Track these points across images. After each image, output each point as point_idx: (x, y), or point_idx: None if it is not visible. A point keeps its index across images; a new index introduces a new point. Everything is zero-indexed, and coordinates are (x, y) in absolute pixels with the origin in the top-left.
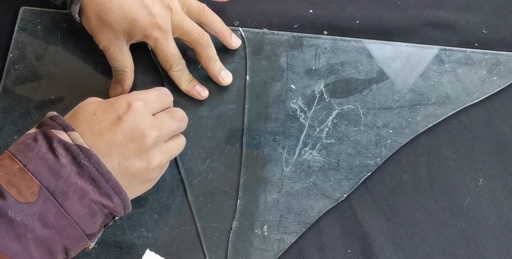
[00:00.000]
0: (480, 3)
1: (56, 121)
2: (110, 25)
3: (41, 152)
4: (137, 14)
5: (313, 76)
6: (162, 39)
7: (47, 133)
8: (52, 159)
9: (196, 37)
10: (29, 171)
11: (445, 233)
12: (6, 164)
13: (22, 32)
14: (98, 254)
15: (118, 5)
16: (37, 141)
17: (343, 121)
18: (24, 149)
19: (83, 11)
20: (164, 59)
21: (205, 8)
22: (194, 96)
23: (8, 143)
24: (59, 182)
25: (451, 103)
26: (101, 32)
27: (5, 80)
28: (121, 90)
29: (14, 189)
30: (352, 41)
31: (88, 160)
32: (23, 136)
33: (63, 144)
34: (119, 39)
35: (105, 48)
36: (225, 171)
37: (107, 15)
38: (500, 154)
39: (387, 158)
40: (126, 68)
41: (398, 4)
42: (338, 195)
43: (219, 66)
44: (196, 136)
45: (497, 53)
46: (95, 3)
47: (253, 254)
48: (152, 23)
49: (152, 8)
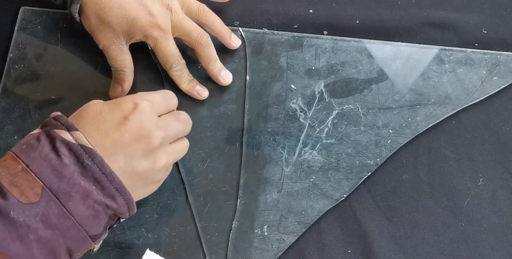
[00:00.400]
0: (480, 3)
1: (59, 121)
2: (110, 24)
3: (44, 152)
4: (136, 14)
5: (313, 76)
6: (162, 39)
7: (50, 133)
8: (55, 159)
9: (196, 37)
10: (31, 171)
11: (445, 233)
12: (9, 165)
13: (22, 32)
14: (98, 254)
15: (118, 4)
16: (40, 141)
17: (343, 121)
18: (27, 149)
19: (83, 11)
20: (164, 59)
21: (204, 8)
22: (194, 96)
23: (8, 143)
24: (62, 182)
25: (451, 103)
26: (100, 31)
27: (5, 80)
28: (120, 90)
29: (17, 189)
30: (352, 41)
31: (92, 160)
32: (26, 136)
33: (66, 144)
34: (118, 38)
35: (104, 47)
36: (225, 171)
37: (107, 15)
38: (500, 154)
39: (387, 158)
40: (126, 68)
41: (398, 4)
42: (338, 195)
43: (219, 66)
44: (196, 136)
45: (497, 53)
46: (95, 2)
47: (253, 254)
48: (152, 23)
49: (151, 8)
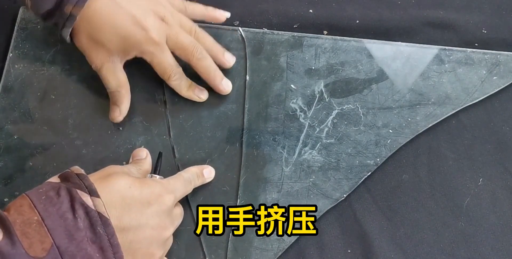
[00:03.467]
0: (480, 3)
1: (83, 182)
2: (103, 43)
3: (62, 210)
4: (130, 30)
5: (313, 76)
6: (157, 52)
7: (71, 191)
8: (70, 219)
9: (192, 51)
10: (45, 226)
11: (445, 233)
12: (24, 212)
13: (22, 32)
14: None
15: (110, 22)
16: (60, 197)
17: (343, 121)
18: (45, 202)
19: (75, 31)
20: (162, 71)
21: (196, 28)
22: (195, 100)
23: (8, 143)
24: (71, 244)
25: (451, 103)
26: (93, 51)
27: (5, 80)
28: (118, 113)
29: (27, 241)
30: (352, 41)
31: (104, 229)
32: (44, 184)
33: (85, 207)
34: (112, 56)
35: (98, 67)
36: (225, 171)
37: (100, 34)
38: (500, 154)
39: (387, 158)
40: (121, 88)
41: (398, 4)
42: (338, 195)
43: (220, 75)
44: (196, 136)
45: (497, 53)
46: (87, 21)
47: (253, 254)
48: (146, 37)
49: (144, 22)
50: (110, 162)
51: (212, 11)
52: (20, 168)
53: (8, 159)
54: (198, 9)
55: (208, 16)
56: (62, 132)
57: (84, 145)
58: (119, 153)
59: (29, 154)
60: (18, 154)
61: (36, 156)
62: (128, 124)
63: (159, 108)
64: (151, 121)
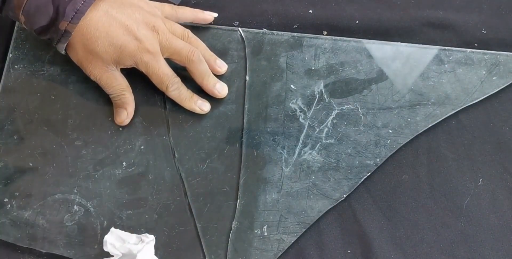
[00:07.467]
0: (479, 3)
1: None
2: (98, 54)
3: None
4: (123, 41)
5: (313, 76)
6: (152, 62)
7: None
8: None
9: (186, 54)
10: None
11: (445, 233)
12: None
13: (22, 32)
14: (97, 254)
15: (104, 33)
16: None
17: (343, 121)
18: None
19: (70, 44)
20: (158, 81)
21: (189, 33)
22: (197, 112)
23: (8, 143)
24: None
25: (450, 103)
26: (89, 62)
27: (5, 80)
28: (126, 114)
29: None
30: (352, 41)
31: None
32: None
33: None
34: (109, 65)
35: (97, 77)
36: (225, 171)
37: (94, 45)
38: (500, 154)
39: (386, 158)
40: (124, 91)
41: (398, 4)
42: (337, 195)
43: (213, 80)
44: (196, 136)
45: (497, 53)
46: (82, 34)
47: (253, 254)
48: (140, 47)
49: (137, 33)
50: (110, 162)
51: (200, 13)
52: (20, 168)
53: (8, 159)
54: (187, 12)
55: (197, 18)
56: (62, 132)
57: (84, 145)
58: (119, 153)
59: (29, 154)
60: (18, 154)
61: (36, 156)
62: (128, 125)
63: (159, 108)
64: (151, 121)
